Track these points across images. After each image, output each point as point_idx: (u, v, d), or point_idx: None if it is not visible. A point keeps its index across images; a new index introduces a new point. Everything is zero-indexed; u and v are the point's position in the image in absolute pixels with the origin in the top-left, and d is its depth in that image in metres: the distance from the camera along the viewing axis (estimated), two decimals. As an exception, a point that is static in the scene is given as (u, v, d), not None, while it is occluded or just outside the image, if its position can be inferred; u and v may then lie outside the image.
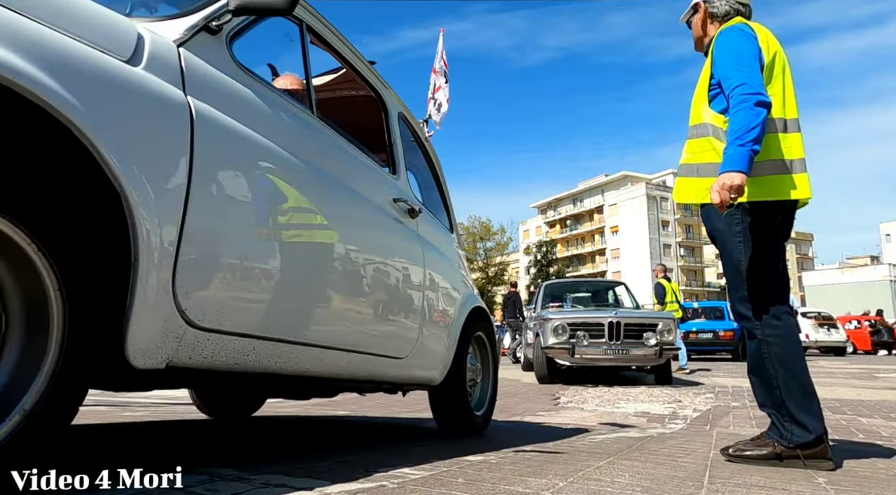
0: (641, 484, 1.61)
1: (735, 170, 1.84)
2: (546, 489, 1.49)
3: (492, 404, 3.11)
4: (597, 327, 6.54)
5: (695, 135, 2.13)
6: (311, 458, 1.85)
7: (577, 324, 6.60)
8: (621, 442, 2.60)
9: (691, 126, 2.16)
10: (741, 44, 2.01)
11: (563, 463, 1.93)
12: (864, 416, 3.79)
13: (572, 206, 73.81)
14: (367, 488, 1.41)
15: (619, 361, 6.57)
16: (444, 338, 2.58)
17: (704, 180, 2.04)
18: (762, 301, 1.99)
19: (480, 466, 1.81)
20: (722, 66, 2.01)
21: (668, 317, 6.64)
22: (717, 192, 1.85)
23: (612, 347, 6.40)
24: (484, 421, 2.95)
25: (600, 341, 6.45)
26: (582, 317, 6.80)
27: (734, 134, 1.88)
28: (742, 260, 2.01)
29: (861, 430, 3.14)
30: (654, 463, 1.99)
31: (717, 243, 2.14)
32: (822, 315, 17.20)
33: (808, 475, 1.82)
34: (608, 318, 6.54)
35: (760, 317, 1.99)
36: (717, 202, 1.86)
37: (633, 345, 6.38)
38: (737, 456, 2.02)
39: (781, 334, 1.97)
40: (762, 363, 1.99)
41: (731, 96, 1.93)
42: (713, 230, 2.14)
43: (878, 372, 8.94)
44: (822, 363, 12.13)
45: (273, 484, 1.41)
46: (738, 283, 2.04)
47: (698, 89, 2.15)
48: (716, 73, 2.05)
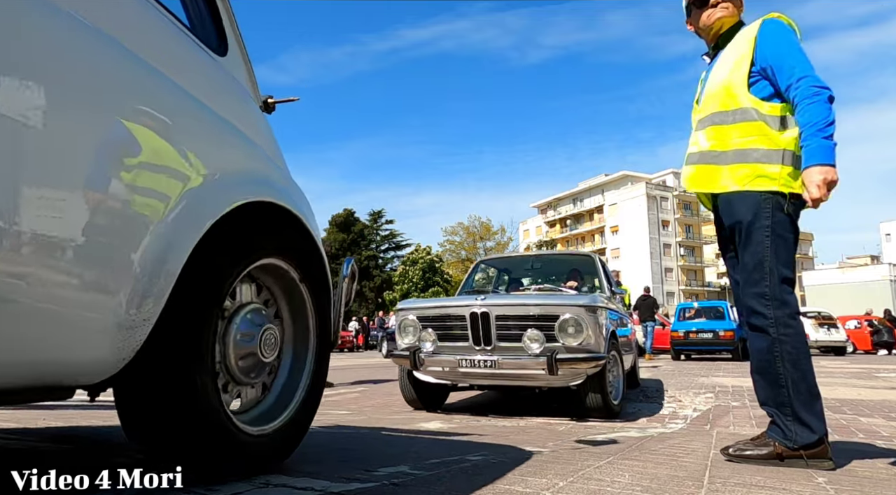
0: (641, 483, 1.61)
1: (828, 164, 1.82)
2: (546, 489, 1.49)
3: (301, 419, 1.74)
4: (457, 322, 3.95)
5: (729, 121, 2.06)
6: (311, 458, 1.84)
7: (430, 317, 4.10)
8: (621, 441, 2.60)
9: (720, 112, 2.08)
10: (794, 37, 2.02)
11: (564, 462, 1.92)
12: (864, 416, 3.78)
13: (572, 206, 73.82)
14: (367, 488, 1.41)
15: (491, 379, 3.92)
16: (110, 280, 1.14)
17: (744, 166, 2.00)
18: (781, 299, 1.97)
19: (480, 465, 1.81)
20: (779, 54, 1.98)
21: (578, 304, 3.73)
22: (818, 188, 1.82)
23: (478, 355, 3.82)
24: (272, 447, 1.58)
25: (460, 346, 3.93)
26: (438, 306, 4.16)
27: (815, 125, 1.85)
28: (767, 255, 1.98)
29: (861, 430, 3.14)
30: (655, 462, 1.99)
31: (738, 235, 2.06)
32: (823, 314, 17.20)
33: (808, 475, 1.82)
34: (472, 307, 3.86)
35: (777, 315, 1.96)
36: (816, 198, 1.83)
37: (511, 351, 3.77)
38: (737, 455, 2.02)
39: (795, 334, 1.96)
40: (772, 361, 1.97)
41: (797, 86, 1.91)
42: (736, 222, 2.05)
43: (878, 371, 8.94)
44: (823, 363, 12.14)
45: (273, 484, 1.41)
46: (757, 279, 1.99)
47: (731, 74, 2.07)
48: (764, 59, 2.00)
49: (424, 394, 4.37)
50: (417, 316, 4.18)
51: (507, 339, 3.80)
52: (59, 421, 2.85)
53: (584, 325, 3.65)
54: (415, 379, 4.19)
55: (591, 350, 3.66)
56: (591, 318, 3.70)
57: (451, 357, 3.93)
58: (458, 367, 3.88)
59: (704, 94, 2.19)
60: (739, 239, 2.06)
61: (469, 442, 2.51)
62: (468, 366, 3.86)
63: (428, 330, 4.09)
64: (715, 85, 2.13)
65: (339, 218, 47.61)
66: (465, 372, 3.91)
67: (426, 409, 4.34)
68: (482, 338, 3.84)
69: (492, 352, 3.83)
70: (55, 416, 3.12)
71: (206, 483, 1.39)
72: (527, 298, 4.08)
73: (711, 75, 2.18)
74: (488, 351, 3.84)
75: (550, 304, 3.82)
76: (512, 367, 3.76)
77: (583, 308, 3.70)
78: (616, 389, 4.04)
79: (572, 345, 3.65)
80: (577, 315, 3.67)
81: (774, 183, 1.97)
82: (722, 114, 2.08)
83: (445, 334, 4.03)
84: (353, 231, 47.13)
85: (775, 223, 1.97)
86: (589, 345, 3.66)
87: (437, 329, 4.06)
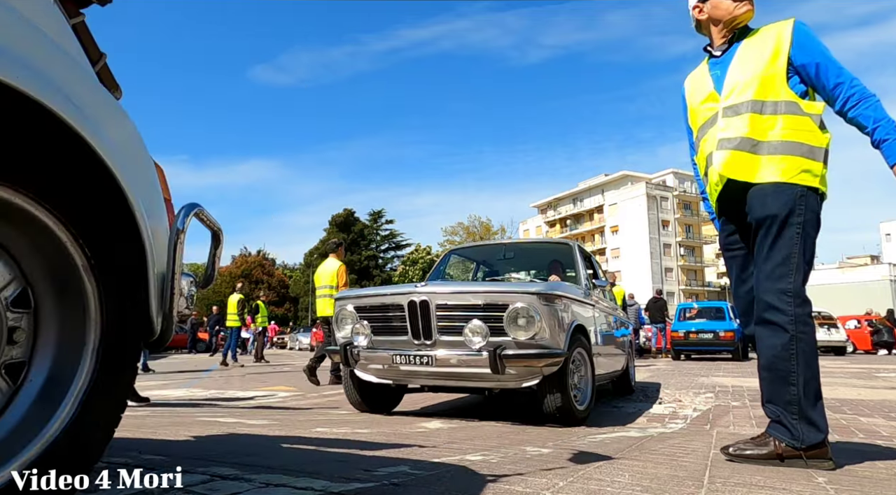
0: (642, 483, 1.61)
1: None
2: (546, 488, 1.49)
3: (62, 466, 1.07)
4: (396, 313, 3.48)
5: (773, 112, 2.02)
6: (312, 458, 1.85)
7: (367, 307, 3.63)
8: (621, 441, 2.60)
9: (761, 100, 2.04)
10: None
11: (564, 463, 1.92)
12: (864, 416, 3.79)
13: (572, 206, 73.85)
14: (367, 488, 1.41)
15: (433, 379, 3.46)
16: None
17: (790, 159, 1.99)
18: (803, 297, 1.96)
19: (481, 466, 1.81)
20: (822, 54, 2.00)
21: (530, 292, 3.21)
22: None
23: (416, 350, 3.37)
24: None
25: (399, 340, 3.47)
26: (375, 295, 3.66)
27: (889, 124, 1.89)
28: (795, 251, 1.96)
29: (861, 430, 3.14)
30: (655, 462, 1.99)
31: (766, 229, 2.02)
32: (823, 314, 17.21)
33: (807, 474, 1.82)
34: (411, 295, 3.38)
35: (798, 312, 1.94)
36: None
37: (454, 346, 3.27)
38: (737, 455, 2.02)
39: (811, 333, 1.96)
40: (786, 359, 1.95)
41: (850, 86, 1.95)
42: (767, 216, 2.01)
43: (878, 371, 8.94)
44: (823, 362, 12.12)
45: (273, 484, 1.41)
46: (782, 274, 1.97)
47: (769, 66, 2.04)
48: (805, 57, 2.01)
49: (370, 396, 3.94)
50: (355, 306, 3.69)
51: (451, 333, 3.29)
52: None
53: (537, 317, 3.12)
54: (359, 378, 3.77)
55: (545, 345, 3.15)
56: (546, 309, 3.18)
57: (386, 352, 3.45)
58: (398, 365, 3.41)
59: (729, 85, 2.12)
60: (768, 233, 2.02)
61: (469, 442, 2.51)
62: (405, 362, 3.38)
63: (363, 322, 3.60)
64: (748, 75, 2.07)
65: (339, 218, 47.64)
66: (406, 371, 3.43)
67: (372, 411, 3.92)
68: (421, 331, 3.35)
69: (432, 347, 3.33)
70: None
71: (209, 482, 1.39)
72: (473, 285, 3.71)
73: (735, 67, 2.12)
74: (428, 345, 3.35)
75: (498, 292, 3.33)
76: (452, 365, 3.27)
77: (536, 296, 3.19)
78: (583, 393, 3.56)
79: (523, 339, 3.13)
80: (529, 304, 3.15)
81: (815, 180, 1.98)
82: (760, 103, 2.04)
83: (384, 327, 3.55)
84: (353, 231, 47.15)
85: (807, 220, 1.97)
86: (543, 340, 3.15)
87: (375, 321, 3.59)
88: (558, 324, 3.25)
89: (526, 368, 3.18)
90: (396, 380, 3.63)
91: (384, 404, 4.02)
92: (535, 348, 3.14)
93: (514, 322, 3.17)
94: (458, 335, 3.26)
